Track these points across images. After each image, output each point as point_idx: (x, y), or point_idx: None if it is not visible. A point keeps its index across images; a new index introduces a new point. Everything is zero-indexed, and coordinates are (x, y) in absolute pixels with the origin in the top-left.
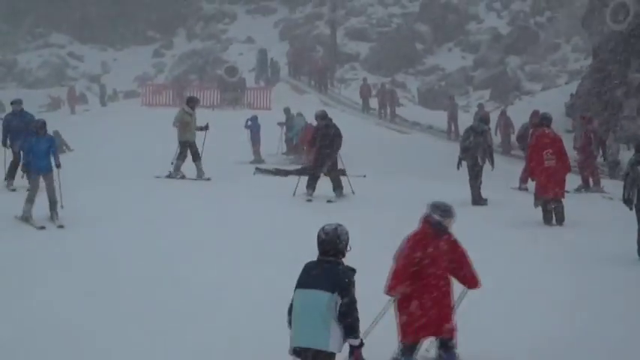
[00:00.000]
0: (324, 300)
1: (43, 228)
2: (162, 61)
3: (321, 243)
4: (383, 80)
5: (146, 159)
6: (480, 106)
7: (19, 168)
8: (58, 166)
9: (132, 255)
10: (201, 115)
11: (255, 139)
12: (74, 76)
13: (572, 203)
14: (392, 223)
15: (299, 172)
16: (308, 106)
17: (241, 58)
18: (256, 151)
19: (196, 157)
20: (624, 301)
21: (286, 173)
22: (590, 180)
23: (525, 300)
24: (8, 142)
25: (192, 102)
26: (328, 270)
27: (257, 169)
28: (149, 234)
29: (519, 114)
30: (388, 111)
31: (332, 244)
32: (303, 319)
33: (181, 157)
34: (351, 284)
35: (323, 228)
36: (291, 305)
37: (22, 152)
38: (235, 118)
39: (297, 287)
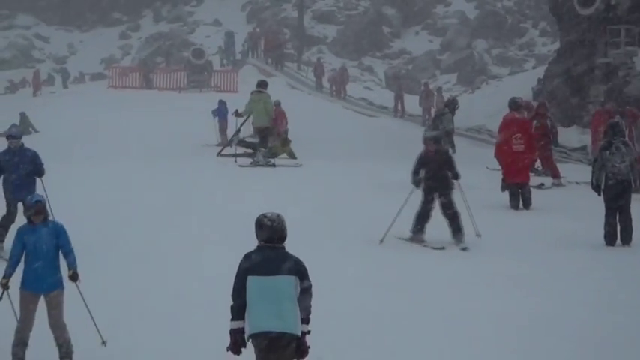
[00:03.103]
0: (291, 283)
1: None
2: (128, 44)
3: (267, 230)
4: (350, 63)
5: (118, 139)
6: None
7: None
8: (73, 277)
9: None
10: (168, 98)
11: (223, 123)
12: (40, 57)
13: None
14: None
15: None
16: (275, 89)
17: (208, 40)
18: (223, 135)
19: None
20: (587, 285)
21: (247, 152)
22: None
23: (489, 283)
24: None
25: (263, 85)
26: (282, 256)
27: (219, 154)
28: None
29: (486, 98)
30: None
31: (279, 231)
32: (270, 304)
33: (264, 143)
34: (306, 268)
35: (265, 216)
36: (240, 293)
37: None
38: (202, 101)
39: (250, 274)
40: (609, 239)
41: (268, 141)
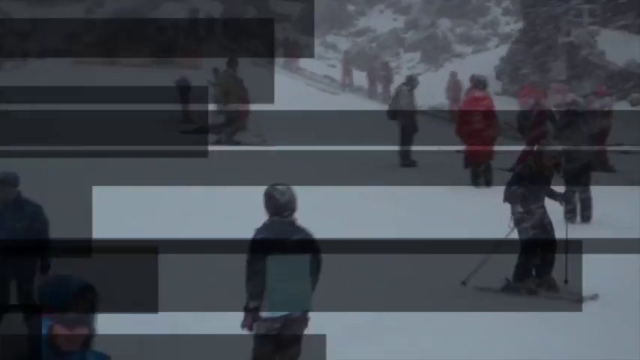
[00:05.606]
0: (308, 262)
1: None
2: (92, 20)
3: (278, 204)
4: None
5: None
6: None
7: None
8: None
9: None
10: (130, 75)
11: (185, 99)
12: (2, 32)
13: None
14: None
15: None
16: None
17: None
18: (185, 111)
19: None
20: None
21: (205, 130)
22: None
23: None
24: None
25: (235, 63)
26: (296, 231)
27: (181, 132)
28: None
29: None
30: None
31: (290, 204)
32: (293, 284)
33: (231, 124)
34: (317, 242)
35: (275, 189)
36: (261, 273)
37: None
38: (165, 78)
39: (268, 253)
40: (570, 217)
41: (234, 120)
